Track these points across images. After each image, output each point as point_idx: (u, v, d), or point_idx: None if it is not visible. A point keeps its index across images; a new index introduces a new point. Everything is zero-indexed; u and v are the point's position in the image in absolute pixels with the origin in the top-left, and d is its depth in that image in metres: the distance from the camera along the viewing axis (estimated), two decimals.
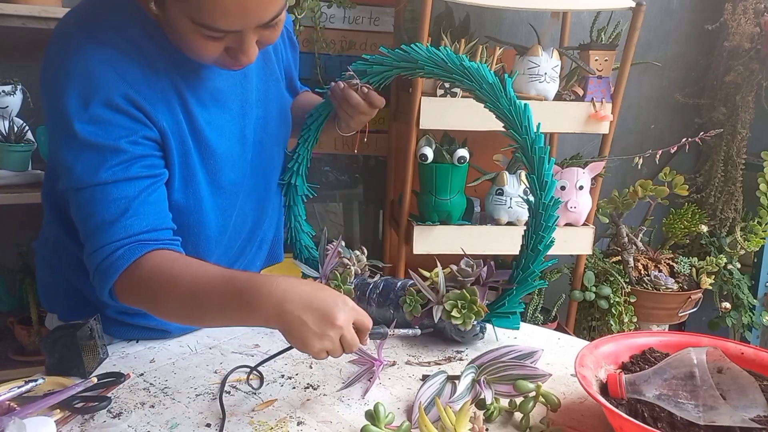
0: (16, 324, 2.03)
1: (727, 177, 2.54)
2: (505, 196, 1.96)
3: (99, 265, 0.92)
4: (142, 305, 0.95)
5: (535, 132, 1.05)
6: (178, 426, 0.87)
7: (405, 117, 1.98)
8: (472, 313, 1.07)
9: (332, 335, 0.84)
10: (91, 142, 0.90)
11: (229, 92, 1.05)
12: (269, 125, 1.15)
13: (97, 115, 0.89)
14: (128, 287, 0.93)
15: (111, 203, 0.92)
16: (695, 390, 0.78)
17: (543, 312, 2.26)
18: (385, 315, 1.19)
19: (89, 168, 0.91)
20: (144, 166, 0.94)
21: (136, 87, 0.92)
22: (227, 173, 1.06)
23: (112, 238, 0.91)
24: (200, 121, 1.00)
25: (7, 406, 0.84)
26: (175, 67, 0.97)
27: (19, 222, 2.07)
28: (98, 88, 0.89)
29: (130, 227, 0.92)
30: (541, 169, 1.05)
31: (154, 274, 0.91)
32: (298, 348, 0.86)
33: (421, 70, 1.12)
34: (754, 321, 2.44)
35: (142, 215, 0.93)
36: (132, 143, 0.92)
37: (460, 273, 1.12)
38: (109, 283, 0.92)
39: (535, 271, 1.09)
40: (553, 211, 1.07)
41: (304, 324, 0.82)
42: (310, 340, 0.83)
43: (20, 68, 1.98)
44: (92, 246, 0.93)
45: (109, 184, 0.91)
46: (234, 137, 1.06)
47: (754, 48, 2.39)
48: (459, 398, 0.89)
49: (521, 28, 2.45)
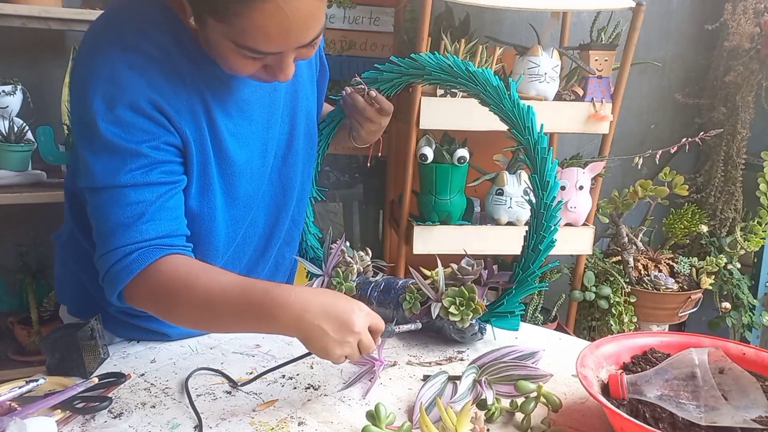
0: (16, 324, 2.03)
1: (727, 177, 2.54)
2: (505, 196, 1.96)
3: (111, 268, 0.92)
4: (155, 309, 0.95)
5: (538, 133, 1.06)
6: (178, 426, 0.87)
7: (405, 117, 1.98)
8: (470, 310, 1.07)
9: (351, 341, 0.87)
10: (114, 143, 0.90)
11: (256, 104, 1.05)
12: (294, 142, 1.14)
13: (121, 117, 0.89)
14: (141, 291, 0.92)
15: (128, 206, 0.91)
16: (697, 390, 0.78)
17: (543, 312, 2.26)
18: (385, 313, 1.19)
19: (109, 169, 0.91)
20: (164, 172, 0.93)
21: (162, 92, 0.92)
22: (244, 185, 1.05)
23: (127, 241, 0.91)
24: (223, 130, 1.00)
25: (8, 407, 0.83)
26: (203, 75, 0.96)
27: (19, 222, 2.07)
28: (125, 91, 0.89)
29: (146, 232, 0.92)
30: (543, 170, 1.07)
31: (169, 278, 0.91)
32: (319, 355, 0.88)
33: (428, 76, 1.14)
34: (754, 321, 2.44)
35: (158, 220, 0.93)
36: (153, 148, 0.92)
37: (460, 271, 1.12)
38: (120, 285, 0.92)
39: (535, 272, 1.09)
40: (555, 212, 1.07)
41: (324, 333, 0.85)
42: (331, 348, 0.86)
43: (20, 68, 1.98)
44: (105, 248, 0.93)
45: (128, 188, 0.91)
46: (256, 149, 1.06)
47: (754, 48, 2.39)
48: (460, 398, 0.89)
49: (521, 28, 2.45)
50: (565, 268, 2.28)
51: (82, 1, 1.92)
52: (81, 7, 1.84)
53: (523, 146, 1.09)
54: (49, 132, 1.90)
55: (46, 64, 2.02)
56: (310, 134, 1.19)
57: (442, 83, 1.15)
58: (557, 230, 1.09)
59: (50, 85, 1.99)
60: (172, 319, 0.95)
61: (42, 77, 2.02)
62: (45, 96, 2.01)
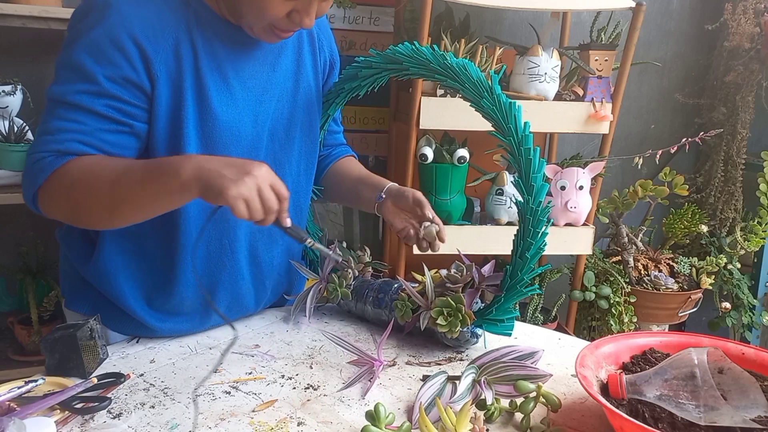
0: (16, 324, 2.03)
1: (727, 177, 2.54)
2: (505, 196, 1.96)
3: (29, 168, 0.96)
4: (68, 203, 0.96)
5: (522, 132, 1.00)
6: (178, 426, 0.87)
7: (405, 117, 1.97)
8: (458, 320, 1.06)
9: (248, 182, 0.86)
10: (77, 63, 0.94)
11: (252, 74, 1.08)
12: (290, 128, 1.16)
13: (94, 41, 0.94)
14: (54, 190, 0.95)
15: (64, 121, 0.95)
16: (696, 390, 0.78)
17: (543, 312, 2.26)
18: (380, 316, 1.19)
19: (64, 87, 0.95)
20: (111, 107, 0.96)
21: (147, 26, 0.96)
22: (231, 148, 1.06)
23: (49, 149, 0.95)
24: (209, 82, 1.02)
25: (7, 407, 0.84)
26: (204, 26, 1.01)
27: (19, 222, 2.07)
28: (107, 18, 0.94)
29: (70, 145, 0.95)
30: (529, 172, 0.99)
31: (79, 167, 0.94)
32: (215, 199, 0.87)
33: (406, 71, 1.10)
34: (754, 321, 2.44)
35: (87, 144, 0.96)
36: (108, 78, 0.95)
37: (449, 279, 1.11)
38: (35, 185, 0.96)
39: (523, 279, 1.03)
40: (543, 217, 1.00)
41: (221, 175, 0.86)
42: (227, 185, 0.85)
43: (20, 68, 1.98)
44: (30, 150, 0.97)
45: (72, 106, 0.95)
46: (246, 115, 1.07)
47: (754, 48, 2.39)
48: (459, 399, 0.89)
49: (521, 28, 2.45)
50: (565, 268, 2.28)
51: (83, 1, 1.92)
52: None
53: (505, 147, 1.02)
54: None
55: (46, 64, 2.02)
56: (309, 130, 1.20)
57: (421, 77, 1.11)
58: (546, 235, 1.02)
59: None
60: (86, 209, 0.97)
61: (42, 77, 2.02)
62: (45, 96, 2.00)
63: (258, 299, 1.22)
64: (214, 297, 1.14)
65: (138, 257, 1.09)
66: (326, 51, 1.24)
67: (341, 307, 1.28)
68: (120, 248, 1.08)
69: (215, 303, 1.14)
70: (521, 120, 1.01)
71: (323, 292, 1.24)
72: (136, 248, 1.09)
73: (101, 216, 0.97)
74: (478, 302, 1.10)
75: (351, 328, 1.22)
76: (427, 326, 1.10)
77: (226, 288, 1.15)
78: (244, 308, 1.21)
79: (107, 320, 1.11)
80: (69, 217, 0.99)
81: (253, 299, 1.21)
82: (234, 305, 1.18)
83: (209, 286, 1.13)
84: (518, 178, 1.02)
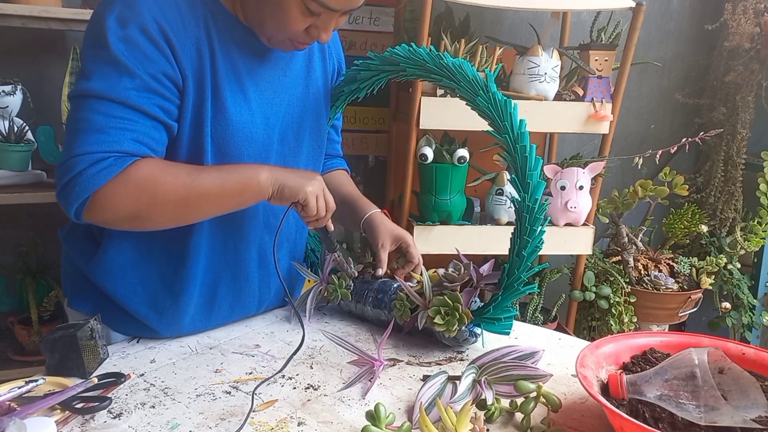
0: (16, 324, 2.03)
1: (727, 177, 2.54)
2: (505, 196, 1.96)
3: (84, 170, 0.91)
4: (135, 206, 0.94)
5: (518, 129, 1.00)
6: (178, 426, 0.87)
7: (405, 117, 1.98)
8: (456, 319, 1.06)
9: (317, 183, 1.04)
10: (118, 58, 0.93)
11: (264, 77, 1.09)
12: (299, 132, 1.17)
13: (130, 36, 0.93)
14: (117, 193, 0.92)
15: (114, 118, 0.93)
16: (696, 390, 0.78)
17: (543, 312, 2.25)
18: (379, 316, 1.19)
19: (108, 82, 0.93)
20: (157, 105, 0.96)
21: (171, 23, 0.96)
22: (241, 147, 1.06)
23: (104, 148, 0.91)
24: (223, 80, 1.02)
25: (8, 407, 0.83)
26: (221, 29, 1.02)
27: (19, 222, 2.07)
28: (138, 14, 0.94)
29: (126, 145, 0.93)
30: (525, 170, 1.00)
31: (150, 170, 0.94)
32: (290, 197, 1.02)
33: (403, 72, 1.11)
34: (754, 321, 2.44)
35: (140, 142, 0.94)
36: (150, 75, 0.95)
37: (446, 278, 1.11)
38: (92, 189, 0.91)
39: (521, 277, 1.03)
40: (539, 214, 1.00)
41: (297, 176, 1.03)
42: (304, 184, 1.02)
43: (20, 68, 1.98)
44: (77, 149, 0.91)
45: (119, 103, 0.93)
46: (257, 116, 1.08)
47: (754, 48, 2.39)
48: (460, 399, 0.89)
49: (521, 28, 2.45)
50: (565, 268, 2.28)
51: (82, 1, 1.92)
52: (81, 7, 1.84)
53: (501, 144, 1.02)
54: (49, 132, 1.90)
55: (46, 64, 2.02)
56: (317, 136, 1.22)
57: (417, 78, 1.11)
58: (543, 233, 1.02)
59: (50, 85, 1.99)
60: (158, 211, 0.96)
61: (42, 77, 2.02)
62: (45, 96, 2.01)
63: (261, 301, 1.22)
64: (217, 297, 1.14)
65: (146, 258, 1.09)
66: (335, 58, 1.26)
67: (341, 308, 1.28)
68: (126, 248, 1.08)
69: (218, 302, 1.15)
70: (517, 117, 1.01)
71: (323, 292, 1.24)
72: (144, 249, 1.08)
73: (170, 218, 1.00)
74: (476, 301, 1.10)
75: (351, 328, 1.22)
76: (427, 326, 1.10)
77: (231, 288, 1.15)
78: (247, 309, 1.21)
79: (109, 320, 1.11)
80: (131, 218, 0.96)
81: (257, 301, 1.21)
82: (237, 306, 1.18)
83: (215, 285, 1.13)
84: (514, 176, 1.02)
